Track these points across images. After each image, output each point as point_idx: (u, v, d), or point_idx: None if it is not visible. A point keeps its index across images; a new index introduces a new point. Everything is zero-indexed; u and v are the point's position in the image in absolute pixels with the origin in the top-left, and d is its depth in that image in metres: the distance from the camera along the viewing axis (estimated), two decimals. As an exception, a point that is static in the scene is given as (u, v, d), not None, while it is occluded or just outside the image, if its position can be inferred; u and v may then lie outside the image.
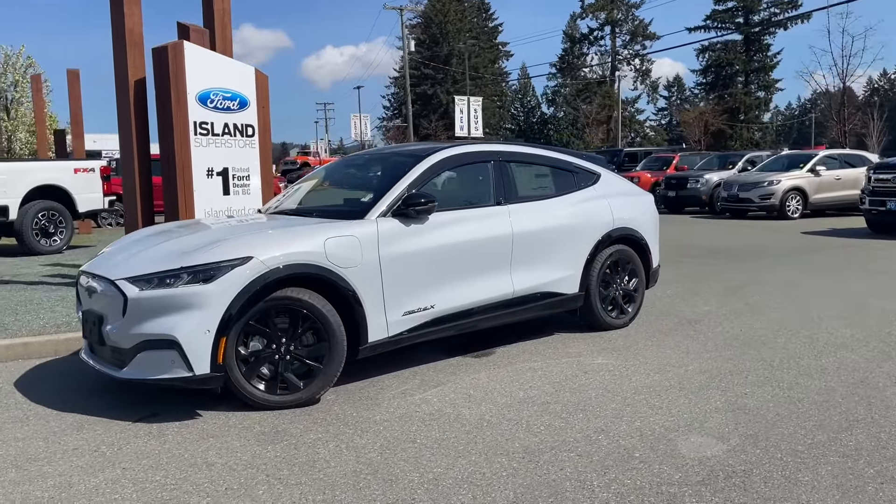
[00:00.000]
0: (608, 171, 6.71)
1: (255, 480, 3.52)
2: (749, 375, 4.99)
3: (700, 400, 4.51)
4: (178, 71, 7.73)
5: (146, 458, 3.82)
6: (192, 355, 4.24)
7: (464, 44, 58.92)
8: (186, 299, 4.27)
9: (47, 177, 11.84)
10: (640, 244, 6.57)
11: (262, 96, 8.65)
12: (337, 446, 3.92)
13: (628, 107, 68.14)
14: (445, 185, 5.62)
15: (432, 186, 5.41)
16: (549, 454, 3.74)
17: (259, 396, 4.49)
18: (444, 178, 5.58)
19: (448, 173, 5.60)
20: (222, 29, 8.77)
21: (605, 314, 6.32)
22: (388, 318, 4.94)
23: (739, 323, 6.59)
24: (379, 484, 3.45)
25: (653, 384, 4.85)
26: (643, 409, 4.37)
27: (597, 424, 4.14)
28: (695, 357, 5.49)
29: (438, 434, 4.06)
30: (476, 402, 4.58)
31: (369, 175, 6.08)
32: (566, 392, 4.73)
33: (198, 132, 7.91)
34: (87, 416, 4.48)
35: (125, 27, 8.03)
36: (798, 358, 5.40)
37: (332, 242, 4.69)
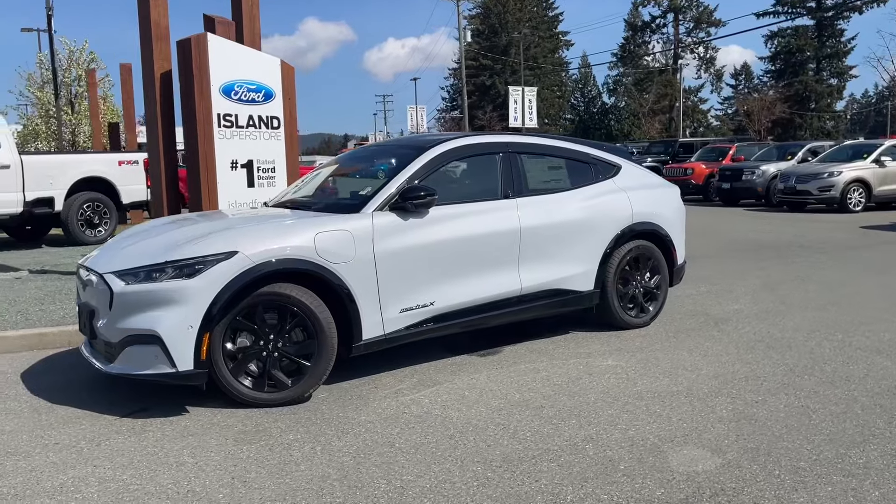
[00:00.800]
0: (630, 162, 6.41)
1: (220, 482, 3.42)
2: (765, 382, 4.67)
3: (705, 408, 4.23)
4: (202, 63, 7.72)
5: (121, 455, 3.77)
6: (174, 351, 4.18)
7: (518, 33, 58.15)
8: (169, 294, 4.20)
9: (92, 169, 12.10)
10: (662, 239, 6.26)
11: (289, 88, 8.60)
12: (312, 448, 3.80)
13: (691, 96, 66.44)
14: (449, 178, 5.43)
15: (435, 179, 5.22)
16: (528, 463, 3.54)
17: (246, 393, 4.41)
18: (448, 170, 5.38)
19: (453, 166, 5.40)
20: (250, 21, 8.74)
21: (623, 312, 6.04)
22: (383, 316, 4.79)
23: (769, 324, 6.22)
24: (342, 490, 3.31)
25: (658, 389, 4.58)
26: (641, 416, 4.12)
27: (588, 432, 3.91)
28: (712, 360, 5.18)
29: (420, 438, 3.90)
30: (468, 405, 4.39)
31: (373, 167, 5.94)
32: (564, 395, 4.51)
33: (221, 124, 7.89)
34: (79, 409, 4.47)
35: (151, 19, 8.06)
36: (824, 363, 5.04)
37: (323, 237, 4.56)
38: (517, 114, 36.89)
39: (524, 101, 36.61)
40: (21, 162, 11.12)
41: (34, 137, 25.98)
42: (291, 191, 6.11)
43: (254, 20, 8.85)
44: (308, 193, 5.82)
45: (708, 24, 65.64)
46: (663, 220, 6.26)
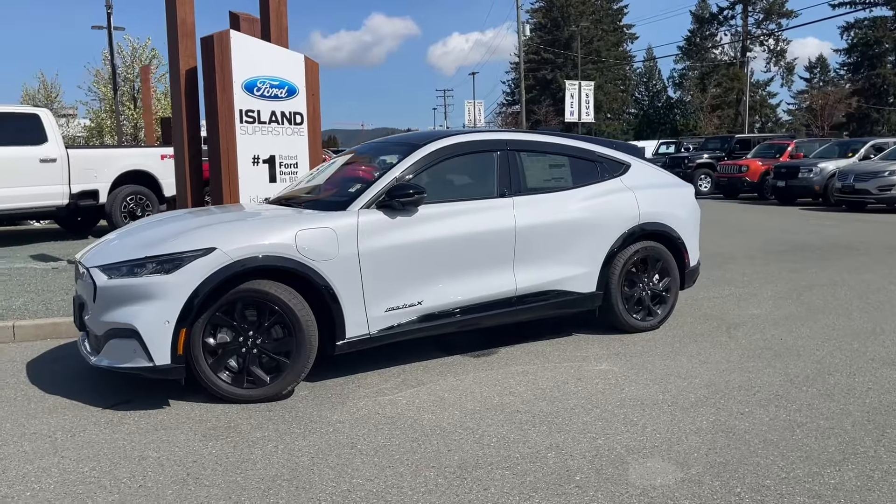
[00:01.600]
0: (640, 160, 6.21)
1: (175, 479, 3.45)
2: (759, 392, 4.46)
3: (686, 418, 4.06)
4: (224, 59, 7.82)
5: (90, 447, 3.84)
6: (151, 345, 4.23)
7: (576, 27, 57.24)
8: (148, 289, 4.26)
9: (135, 162, 12.43)
10: (672, 240, 6.05)
11: (313, 84, 8.65)
12: (275, 447, 3.80)
13: (759, 90, 64.38)
14: (443, 176, 5.35)
15: (428, 177, 5.16)
16: (482, 470, 3.46)
17: (225, 389, 4.44)
18: (443, 167, 5.30)
19: (448, 163, 5.31)
20: (278, 17, 8.82)
21: (628, 315, 5.86)
22: (368, 314, 4.76)
23: (784, 330, 5.95)
24: (288, 491, 3.29)
25: (644, 396, 4.43)
26: (616, 425, 3.98)
27: (555, 440, 3.80)
28: (710, 367, 4.98)
29: (384, 440, 3.85)
30: (444, 407, 4.33)
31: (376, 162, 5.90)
32: (545, 401, 4.40)
33: (244, 120, 7.99)
34: (68, 400, 4.58)
35: (178, 17, 8.20)
36: (828, 374, 4.78)
37: (304, 234, 4.55)
38: (573, 108, 36.38)
39: (581, 96, 36.07)
40: (67, 156, 11.51)
41: (99, 133, 26.92)
42: (296, 186, 6.13)
43: (281, 16, 8.93)
44: (308, 189, 5.83)
45: (779, 15, 63.43)
46: (674, 220, 6.04)
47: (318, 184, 5.85)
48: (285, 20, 9.01)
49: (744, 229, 13.32)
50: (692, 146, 26.46)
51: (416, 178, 5.05)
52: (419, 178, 5.07)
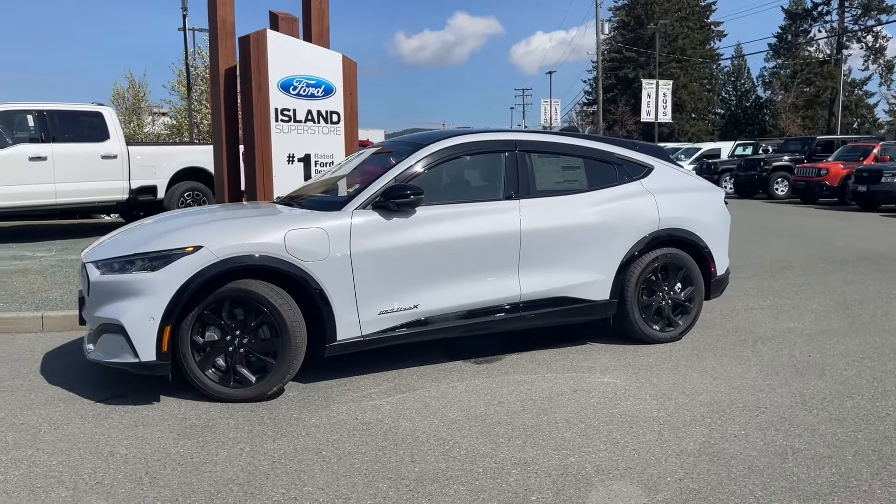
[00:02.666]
0: (665, 163, 5.91)
1: (132, 477, 3.45)
2: (763, 413, 4.15)
3: (673, 438, 3.81)
4: (260, 59, 7.91)
5: (67, 441, 3.89)
6: (137, 342, 4.27)
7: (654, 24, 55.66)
8: (135, 285, 4.30)
9: (192, 159, 12.77)
10: (697, 248, 5.74)
11: (350, 83, 8.66)
12: (242, 449, 3.76)
13: (855, 89, 61.24)
14: (446, 177, 5.22)
15: (430, 178, 5.04)
16: (438, 485, 3.32)
17: (211, 387, 4.44)
18: (446, 168, 5.18)
19: (451, 164, 5.18)
20: (319, 17, 8.87)
21: (645, 325, 5.59)
22: (360, 317, 4.68)
23: (816, 346, 5.55)
24: (235, 496, 3.24)
25: (637, 413, 4.19)
26: (595, 443, 3.77)
27: (526, 455, 3.63)
28: (719, 384, 4.68)
29: (351, 447, 3.76)
30: (424, 415, 4.21)
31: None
32: (531, 413, 4.22)
33: (279, 118, 8.05)
34: (66, 391, 4.69)
35: (218, 17, 8.34)
36: (848, 397, 4.42)
37: (294, 235, 4.51)
38: (650, 108, 35.46)
39: (658, 95, 35.12)
40: (127, 152, 11.92)
41: (179, 131, 27.89)
42: (307, 184, 6.11)
43: (322, 16, 8.97)
44: (317, 187, 5.80)
45: (878, 11, 60.10)
46: (699, 226, 5.73)
47: (330, 182, 5.81)
48: (327, 20, 9.05)
49: (811, 236, 12.63)
50: (771, 148, 25.33)
51: (417, 179, 4.94)
52: (420, 178, 4.96)
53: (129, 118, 34.25)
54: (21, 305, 6.83)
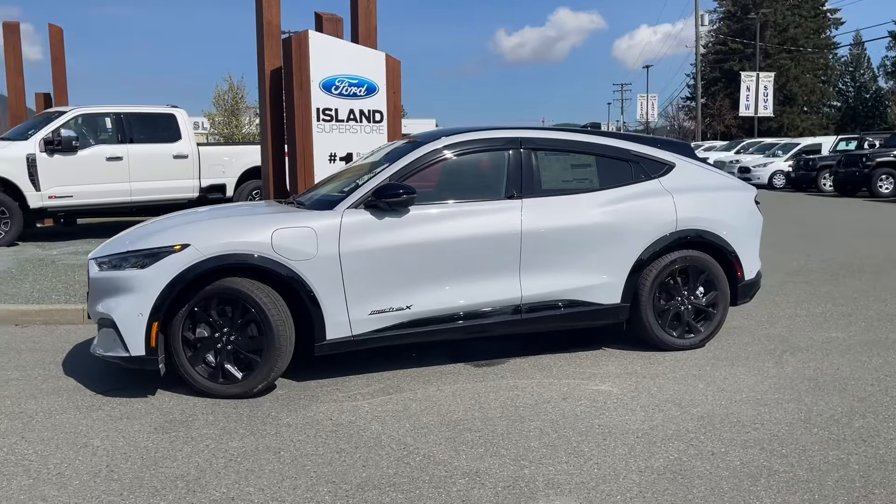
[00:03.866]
0: (689, 160, 5.59)
1: (94, 470, 3.53)
2: (755, 430, 3.85)
3: (644, 454, 3.59)
4: (302, 59, 8.03)
5: (52, 430, 4.04)
6: (127, 336, 4.40)
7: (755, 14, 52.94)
8: (126, 282, 4.43)
9: (259, 158, 13.10)
10: (721, 250, 5.40)
11: (394, 82, 8.68)
12: (207, 446, 3.80)
13: None
14: (446, 176, 5.12)
15: (428, 177, 4.97)
16: (377, 492, 3.25)
17: (201, 383, 4.52)
18: (445, 167, 5.08)
19: (451, 162, 5.08)
20: (366, 17, 8.93)
21: (660, 331, 5.30)
22: (350, 316, 4.66)
23: (851, 359, 5.12)
24: (176, 494, 3.27)
25: (618, 425, 3.97)
26: (559, 455, 3.60)
27: (482, 464, 3.50)
28: (722, 397, 4.38)
29: (311, 449, 3.74)
30: (400, 419, 4.13)
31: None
32: (508, 420, 4.07)
33: (321, 118, 8.16)
34: (76, 382, 4.87)
35: (264, 19, 8.51)
36: (861, 416, 4.05)
37: (282, 234, 4.53)
38: (749, 101, 33.86)
39: (758, 88, 33.49)
40: (198, 152, 12.38)
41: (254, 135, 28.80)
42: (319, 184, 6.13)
43: (370, 16, 9.03)
44: (321, 188, 5.81)
45: None
46: (724, 227, 5.39)
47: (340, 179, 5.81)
48: (374, 19, 9.09)
49: (883, 237, 11.73)
50: (878, 142, 23.65)
51: (412, 178, 4.87)
52: (416, 177, 4.89)
53: (229, 119, 35.67)
54: (71, 298, 7.18)
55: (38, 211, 11.15)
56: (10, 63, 13.36)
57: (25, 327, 6.51)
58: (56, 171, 11.13)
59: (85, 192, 11.39)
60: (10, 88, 13.68)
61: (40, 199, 11.07)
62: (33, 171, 10.98)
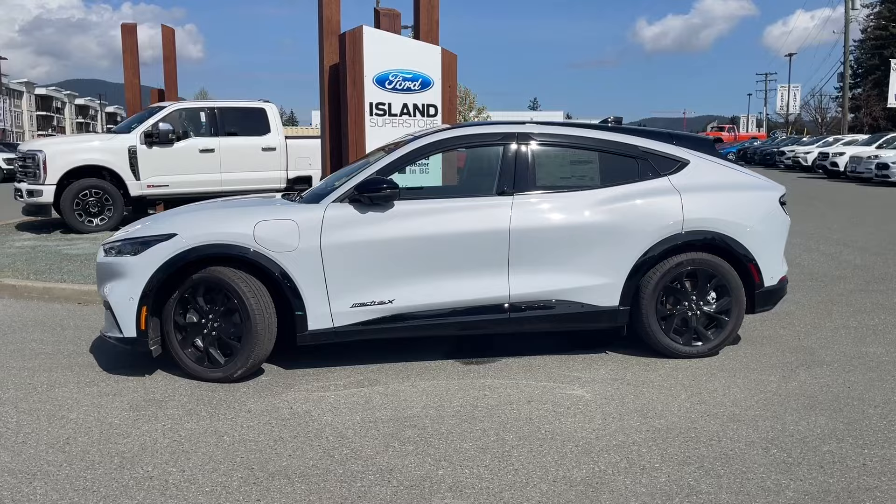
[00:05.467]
0: (705, 157, 5.24)
1: (49, 442, 3.79)
2: (704, 449, 3.60)
3: (572, 463, 3.44)
4: (356, 55, 8.21)
5: (44, 403, 4.37)
6: (120, 318, 4.69)
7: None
8: (121, 268, 4.72)
9: (347, 151, 13.48)
10: (735, 254, 5.05)
11: (449, 76, 8.70)
12: (164, 425, 4.00)
13: None
14: (437, 171, 5.08)
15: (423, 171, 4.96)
16: (285, 481, 3.31)
17: (189, 365, 4.75)
18: (438, 162, 5.05)
19: (443, 157, 5.05)
20: (429, 11, 9.00)
21: (664, 337, 5.03)
22: (332, 308, 4.74)
23: (873, 378, 4.66)
24: (107, 468, 3.47)
25: (567, 432, 3.83)
26: (484, 459, 3.52)
27: (400, 462, 3.49)
28: (698, 410, 4.12)
29: (253, 435, 3.85)
30: (355, 412, 4.17)
31: None
32: (458, 420, 4.02)
33: (374, 112, 8.32)
34: (91, 359, 5.23)
35: (324, 16, 8.76)
36: (836, 440, 3.68)
37: (264, 225, 4.67)
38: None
39: (908, 78, 30.58)
40: (285, 145, 12.90)
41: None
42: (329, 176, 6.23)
43: (432, 10, 9.08)
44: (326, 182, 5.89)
45: None
46: (738, 229, 5.03)
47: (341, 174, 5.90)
48: (436, 13, 9.13)
49: None
50: None
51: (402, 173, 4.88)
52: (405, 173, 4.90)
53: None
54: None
55: (138, 199, 12.00)
56: (128, 61, 14.43)
57: (86, 306, 7.05)
58: (154, 161, 11.94)
59: (179, 181, 12.14)
60: (128, 86, 14.78)
61: (140, 188, 11.91)
62: (134, 161, 11.83)
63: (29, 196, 11.64)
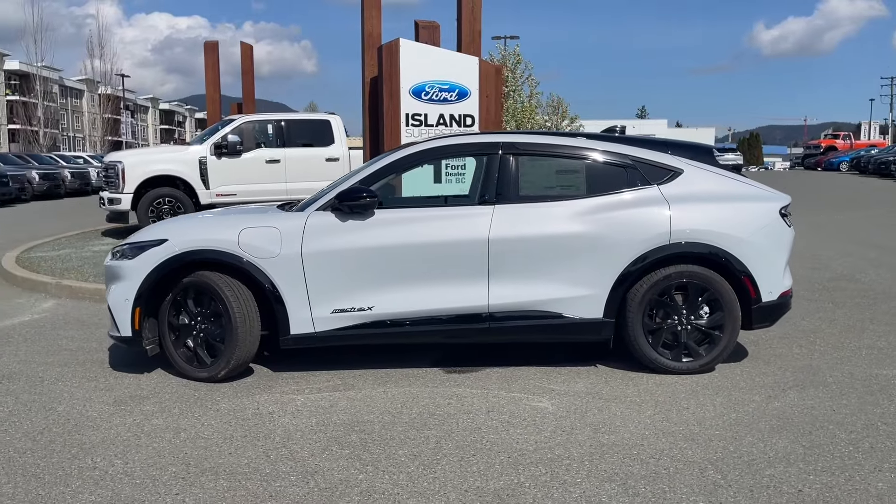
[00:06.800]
0: (701, 166, 5.04)
1: (27, 428, 4.09)
2: (637, 467, 3.47)
3: (492, 475, 3.40)
4: (392, 67, 8.39)
5: (42, 395, 4.69)
6: (118, 318, 4.98)
7: None
8: (119, 271, 5.02)
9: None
10: (728, 267, 4.83)
11: (486, 86, 8.76)
12: (134, 420, 4.21)
13: None
14: (421, 181, 5.13)
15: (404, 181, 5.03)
16: (208, 478, 3.44)
17: (179, 364, 4.99)
18: (422, 172, 5.10)
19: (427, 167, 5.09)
20: (470, 22, 9.10)
21: (651, 351, 4.87)
22: (313, 314, 4.86)
23: (868, 402, 4.35)
24: (61, 457, 3.70)
25: (505, 444, 3.78)
26: (409, 467, 3.53)
27: (326, 467, 3.56)
28: (655, 428, 3.97)
29: (208, 433, 4.01)
30: (314, 415, 4.26)
31: None
32: (408, 428, 4.04)
33: (409, 123, 8.47)
34: (106, 356, 5.57)
35: (365, 30, 8.99)
36: (786, 464, 3.47)
37: (248, 233, 4.85)
38: None
39: None
40: (348, 155, 13.24)
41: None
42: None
43: (474, 21, 9.18)
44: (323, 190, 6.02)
45: None
46: (732, 241, 4.82)
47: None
48: (478, 24, 9.22)
49: None
50: None
51: (383, 183, 4.97)
52: (388, 182, 4.98)
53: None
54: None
55: (207, 206, 12.61)
56: (209, 77, 15.21)
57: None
58: (223, 171, 12.52)
59: (246, 190, 12.66)
60: (209, 100, 15.58)
61: (209, 196, 12.51)
62: (204, 171, 12.46)
63: (110, 204, 12.45)
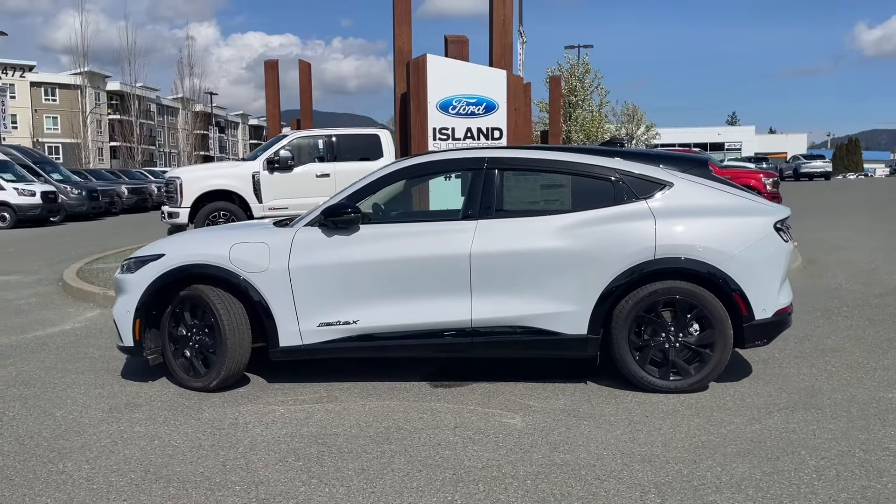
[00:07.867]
0: (692, 179, 4.89)
1: (20, 431, 4.34)
2: (577, 487, 3.40)
3: (427, 490, 3.41)
4: (420, 82, 8.52)
5: (48, 400, 4.97)
6: (121, 329, 5.23)
7: None
8: (124, 284, 5.27)
9: (458, 174, 13.78)
10: (717, 284, 4.68)
11: (515, 99, 8.78)
12: (118, 428, 4.41)
13: None
14: (405, 196, 5.17)
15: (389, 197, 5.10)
16: (160, 485, 3.57)
17: (177, 374, 5.19)
18: (407, 187, 5.15)
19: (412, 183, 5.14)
20: (502, 36, 9.15)
21: (638, 369, 4.76)
22: (301, 327, 4.98)
23: (856, 426, 4.13)
24: (38, 461, 3.91)
25: (458, 460, 3.77)
26: (352, 481, 3.57)
27: (273, 477, 3.64)
28: (617, 448, 3.88)
29: (179, 442, 4.15)
30: (285, 427, 4.35)
31: None
32: (366, 441, 4.08)
33: (437, 137, 8.58)
34: (118, 365, 5.82)
35: (396, 47, 9.15)
36: (736, 490, 3.33)
37: (239, 248, 5.01)
38: None
39: None
40: (397, 168, 13.45)
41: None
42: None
43: (506, 35, 9.23)
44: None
45: None
46: (721, 257, 4.66)
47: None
48: (510, 37, 9.26)
49: None
50: None
51: (370, 199, 5.05)
52: (376, 198, 5.06)
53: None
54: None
55: (260, 219, 13.02)
56: (269, 95, 15.70)
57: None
58: (275, 186, 12.91)
59: (297, 204, 12.97)
60: (269, 116, 16.08)
61: (262, 210, 12.91)
62: (257, 185, 12.87)
63: (169, 217, 13.02)
